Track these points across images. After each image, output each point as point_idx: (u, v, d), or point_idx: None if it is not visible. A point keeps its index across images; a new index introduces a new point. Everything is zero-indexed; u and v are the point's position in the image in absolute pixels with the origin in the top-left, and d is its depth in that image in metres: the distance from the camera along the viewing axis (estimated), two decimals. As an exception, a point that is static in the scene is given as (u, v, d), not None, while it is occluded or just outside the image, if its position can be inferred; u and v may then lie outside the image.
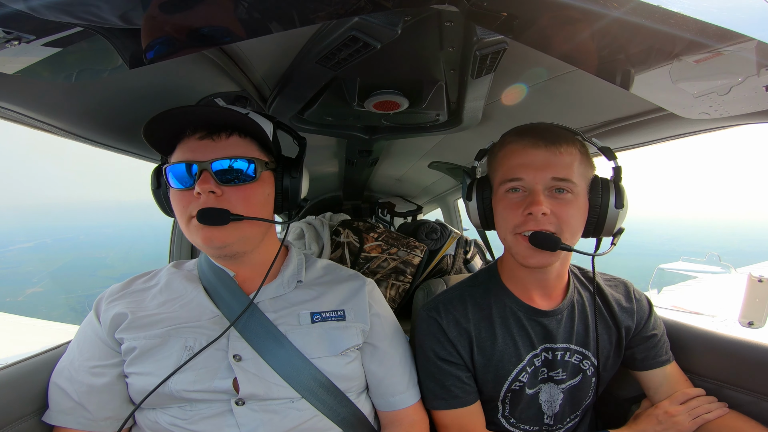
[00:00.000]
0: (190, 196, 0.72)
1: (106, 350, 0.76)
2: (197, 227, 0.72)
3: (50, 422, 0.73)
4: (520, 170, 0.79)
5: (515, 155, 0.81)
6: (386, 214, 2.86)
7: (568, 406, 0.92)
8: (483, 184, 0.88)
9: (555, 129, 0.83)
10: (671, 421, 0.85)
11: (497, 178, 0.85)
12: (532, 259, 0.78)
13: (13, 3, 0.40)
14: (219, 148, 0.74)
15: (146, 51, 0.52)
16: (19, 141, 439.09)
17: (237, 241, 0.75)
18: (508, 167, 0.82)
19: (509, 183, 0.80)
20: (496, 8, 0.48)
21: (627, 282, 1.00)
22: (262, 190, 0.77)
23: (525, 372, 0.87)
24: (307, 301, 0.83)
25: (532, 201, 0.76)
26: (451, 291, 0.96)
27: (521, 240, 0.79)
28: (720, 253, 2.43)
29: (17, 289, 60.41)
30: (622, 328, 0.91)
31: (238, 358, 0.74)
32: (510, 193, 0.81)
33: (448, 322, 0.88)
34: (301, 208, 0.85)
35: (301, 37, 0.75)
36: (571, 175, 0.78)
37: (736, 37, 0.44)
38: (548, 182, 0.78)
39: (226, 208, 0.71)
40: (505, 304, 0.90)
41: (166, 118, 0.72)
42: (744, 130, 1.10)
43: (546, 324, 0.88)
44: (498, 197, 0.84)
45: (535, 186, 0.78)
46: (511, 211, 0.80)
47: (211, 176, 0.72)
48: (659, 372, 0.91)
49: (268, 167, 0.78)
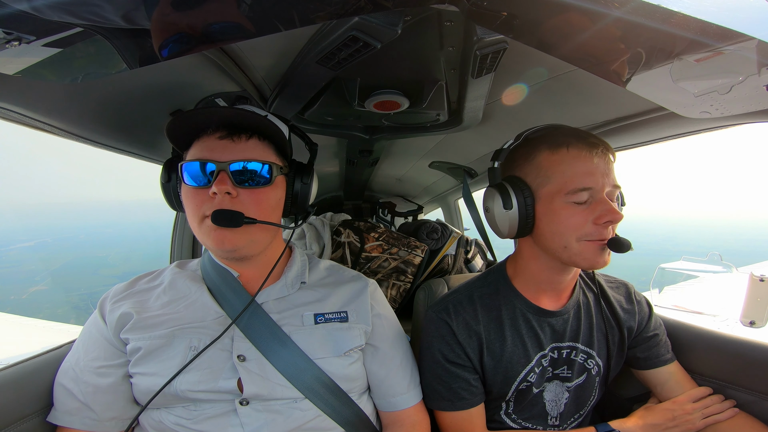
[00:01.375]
0: (205, 195, 0.72)
1: (112, 350, 0.76)
2: (210, 228, 0.72)
3: (55, 422, 0.73)
4: (589, 178, 0.76)
5: (581, 161, 0.77)
6: (387, 214, 2.86)
7: (573, 406, 0.92)
8: (521, 188, 0.81)
9: (590, 133, 0.82)
10: (685, 418, 0.86)
11: (552, 184, 0.79)
12: (602, 261, 0.77)
13: (16, 3, 0.40)
14: (238, 149, 0.74)
15: (147, 52, 0.52)
16: (18, 141, 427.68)
17: (247, 244, 0.75)
18: (573, 174, 0.77)
19: (580, 193, 0.76)
20: (496, 8, 0.48)
21: (628, 284, 1.01)
22: (274, 194, 0.77)
23: (533, 372, 0.87)
24: (311, 303, 0.84)
25: (610, 210, 0.74)
26: (459, 292, 0.94)
27: (592, 246, 0.76)
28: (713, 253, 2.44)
29: (21, 288, 60.71)
30: (624, 329, 0.92)
31: (242, 358, 0.74)
32: (574, 203, 0.77)
33: (458, 324, 0.87)
34: (309, 214, 0.86)
35: (302, 37, 0.75)
36: (617, 179, 0.79)
37: (736, 37, 0.44)
38: (610, 189, 0.77)
39: (240, 210, 0.71)
40: (515, 305, 0.89)
41: (193, 116, 0.72)
42: (739, 130, 1.10)
43: (554, 324, 0.89)
44: (556, 205, 0.78)
45: (602, 195, 0.76)
46: (577, 220, 0.76)
47: (229, 177, 0.72)
48: (663, 370, 0.92)
49: (282, 171, 0.79)
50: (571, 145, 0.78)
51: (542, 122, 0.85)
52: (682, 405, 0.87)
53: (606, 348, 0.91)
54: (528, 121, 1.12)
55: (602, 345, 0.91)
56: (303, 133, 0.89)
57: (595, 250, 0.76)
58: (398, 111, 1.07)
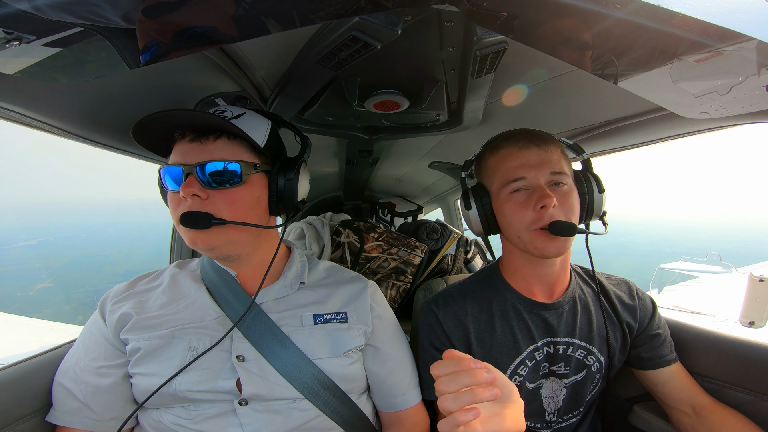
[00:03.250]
0: (179, 198, 0.73)
1: (112, 351, 0.76)
2: (183, 230, 0.73)
3: (55, 422, 0.73)
4: (520, 170, 0.82)
5: (512, 157, 0.84)
6: (387, 214, 2.86)
7: (571, 402, 0.92)
8: (479, 191, 0.90)
9: (537, 132, 0.87)
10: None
11: (496, 183, 0.87)
12: (551, 248, 0.80)
13: (16, 3, 0.40)
14: (206, 151, 0.73)
15: (146, 51, 0.52)
16: (17, 140, 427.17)
17: (224, 245, 0.75)
18: (506, 170, 0.84)
19: (513, 184, 0.83)
20: (496, 8, 0.48)
21: (630, 282, 1.00)
22: (249, 193, 0.75)
23: (524, 365, 0.88)
24: (310, 303, 0.83)
25: (542, 195, 0.79)
26: (452, 286, 0.99)
27: (539, 234, 0.81)
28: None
29: (27, 285, 60.97)
30: (624, 325, 0.92)
31: (241, 358, 0.74)
32: (515, 194, 0.84)
33: (445, 313, 0.91)
34: (299, 211, 0.83)
35: (302, 37, 0.75)
36: (563, 168, 0.83)
37: (736, 37, 0.44)
38: (548, 177, 0.82)
39: (211, 211, 0.71)
40: (506, 298, 0.92)
41: (151, 122, 0.71)
42: (737, 131, 1.10)
43: (546, 317, 0.89)
44: (501, 200, 0.86)
45: (538, 182, 0.81)
46: (521, 210, 0.82)
47: (196, 179, 0.71)
48: (666, 370, 0.92)
49: (258, 169, 0.76)
50: (504, 145, 0.87)
51: (542, 122, 0.86)
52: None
53: (607, 344, 0.91)
54: (528, 122, 1.12)
55: (603, 341, 0.91)
56: (294, 127, 0.88)
57: (542, 237, 0.81)
58: (398, 111, 1.06)
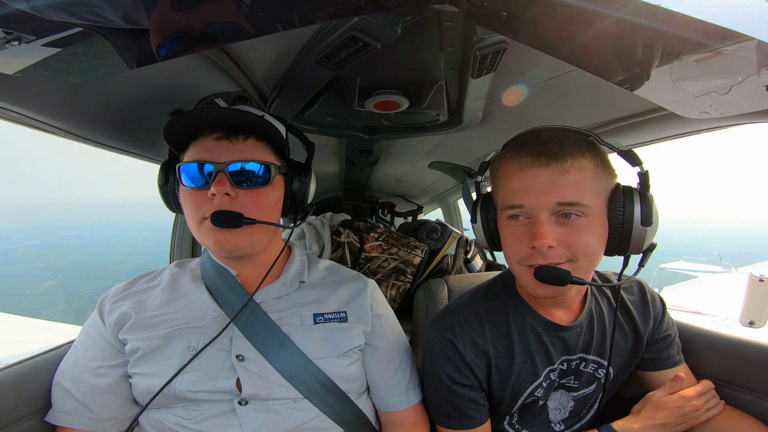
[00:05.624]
0: (203, 197, 0.72)
1: (110, 351, 0.76)
2: (210, 229, 0.72)
3: (54, 422, 0.73)
4: (519, 195, 0.69)
5: (514, 177, 0.71)
6: (386, 214, 2.86)
7: (577, 412, 0.90)
8: (487, 204, 0.79)
9: (561, 138, 0.71)
10: (693, 415, 0.82)
11: (499, 200, 0.75)
12: (540, 291, 0.71)
13: (16, 3, 0.40)
14: (235, 150, 0.74)
15: (146, 51, 0.52)
16: (16, 140, 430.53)
17: (247, 245, 0.76)
18: (507, 190, 0.72)
19: (509, 210, 0.71)
20: (496, 8, 0.48)
21: (641, 281, 0.94)
22: (273, 193, 0.78)
23: (541, 387, 0.84)
24: (310, 303, 0.84)
25: (535, 233, 0.67)
26: (464, 307, 0.87)
27: (527, 271, 0.71)
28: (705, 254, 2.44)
29: (35, 283, 61.50)
30: (640, 333, 0.88)
31: (240, 358, 0.74)
32: (512, 221, 0.72)
33: (465, 344, 0.81)
34: (307, 213, 0.86)
35: (301, 37, 0.75)
36: (582, 196, 0.67)
37: (736, 37, 0.44)
38: (553, 207, 0.67)
39: (239, 211, 0.72)
40: (525, 320, 0.83)
41: (190, 117, 0.72)
42: (735, 132, 1.10)
43: (566, 338, 0.83)
44: (502, 222, 0.75)
45: (537, 214, 0.68)
46: (516, 240, 0.71)
47: (227, 178, 0.72)
48: (671, 372, 0.89)
49: (280, 171, 0.79)
50: (517, 157, 0.71)
51: (542, 122, 0.81)
52: (690, 401, 0.83)
53: (618, 356, 0.87)
54: (528, 122, 1.11)
55: (615, 353, 0.86)
56: (300, 133, 0.89)
57: (530, 276, 0.69)
58: (398, 111, 1.07)
